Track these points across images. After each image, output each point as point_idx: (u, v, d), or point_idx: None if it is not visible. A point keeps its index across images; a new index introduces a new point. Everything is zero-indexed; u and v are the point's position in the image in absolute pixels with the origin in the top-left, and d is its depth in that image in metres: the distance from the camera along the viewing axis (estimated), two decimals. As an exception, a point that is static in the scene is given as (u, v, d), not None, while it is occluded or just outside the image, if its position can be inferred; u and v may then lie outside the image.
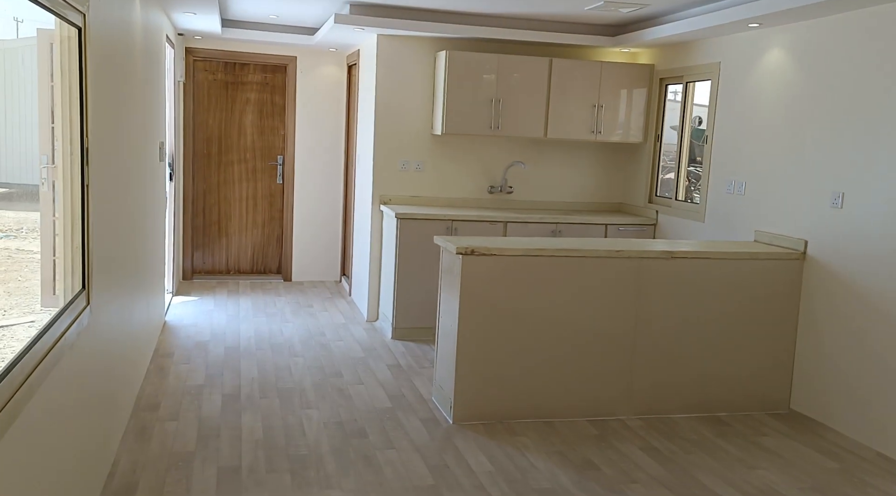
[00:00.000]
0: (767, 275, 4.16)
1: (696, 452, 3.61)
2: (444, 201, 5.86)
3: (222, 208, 7.09)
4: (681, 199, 5.46)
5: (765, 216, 4.49)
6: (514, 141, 5.93)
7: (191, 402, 3.92)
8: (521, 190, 6.01)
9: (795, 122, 4.25)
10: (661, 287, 4.04)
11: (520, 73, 5.53)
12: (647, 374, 4.07)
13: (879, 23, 3.71)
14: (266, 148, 7.12)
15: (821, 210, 4.06)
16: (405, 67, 5.66)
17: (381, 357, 4.92)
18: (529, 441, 3.65)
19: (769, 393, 4.24)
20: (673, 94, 5.66)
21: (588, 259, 3.93)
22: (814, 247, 4.11)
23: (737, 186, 4.74)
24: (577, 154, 6.07)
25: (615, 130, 5.74)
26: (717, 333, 4.15)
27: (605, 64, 5.65)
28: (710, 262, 4.09)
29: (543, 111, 5.60)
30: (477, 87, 5.48)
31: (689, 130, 5.45)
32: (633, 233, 5.64)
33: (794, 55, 4.27)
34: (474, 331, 3.82)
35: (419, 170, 5.80)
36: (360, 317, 6.00)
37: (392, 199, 5.77)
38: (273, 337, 5.29)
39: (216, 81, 6.93)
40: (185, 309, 5.95)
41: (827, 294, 4.03)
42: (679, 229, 5.35)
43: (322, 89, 7.09)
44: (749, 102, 4.64)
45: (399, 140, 5.74)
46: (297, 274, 7.27)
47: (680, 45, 5.37)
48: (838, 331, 3.95)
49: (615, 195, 6.17)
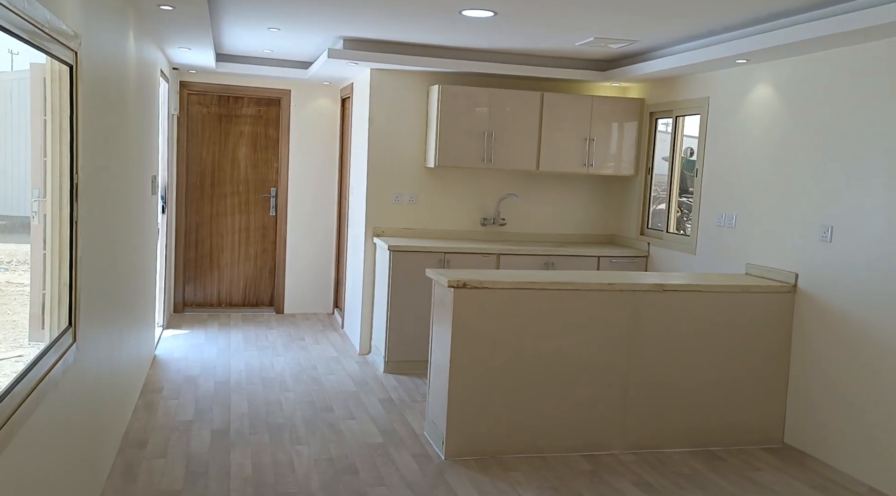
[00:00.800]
0: (759, 308, 4.16)
1: (689, 488, 3.57)
2: (438, 233, 5.87)
3: (215, 240, 7.09)
4: (672, 231, 5.48)
5: (755, 249, 4.51)
6: (507, 173, 5.97)
7: (179, 439, 3.87)
8: (513, 222, 6.03)
9: (783, 156, 4.30)
10: (654, 320, 4.04)
11: (512, 106, 5.59)
12: (641, 408, 4.04)
13: (863, 60, 3.78)
14: (259, 180, 7.14)
15: (810, 243, 4.08)
16: (398, 101, 5.72)
17: (373, 391, 4.88)
18: (522, 476, 3.60)
19: (763, 426, 4.21)
20: (664, 125, 5.72)
21: (580, 292, 3.93)
22: (804, 279, 4.13)
23: (727, 219, 4.76)
24: (569, 186, 6.10)
25: (607, 163, 5.78)
26: (710, 366, 4.13)
27: (595, 98, 5.72)
28: (701, 296, 4.09)
29: (535, 144, 5.65)
30: (469, 120, 5.53)
31: (680, 163, 5.50)
32: (625, 265, 5.65)
33: (780, 90, 4.33)
34: (466, 365, 3.80)
35: (412, 202, 5.82)
36: (353, 350, 5.96)
37: (385, 231, 5.78)
38: (264, 371, 5.24)
39: (210, 114, 6.98)
40: (176, 342, 5.91)
41: (818, 326, 4.03)
42: (671, 261, 5.37)
43: (316, 122, 7.14)
44: (738, 136, 4.69)
45: (392, 172, 5.76)
46: (290, 306, 7.24)
47: (669, 79, 5.44)
48: (830, 364, 3.94)
49: (607, 227, 6.19)
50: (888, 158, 3.62)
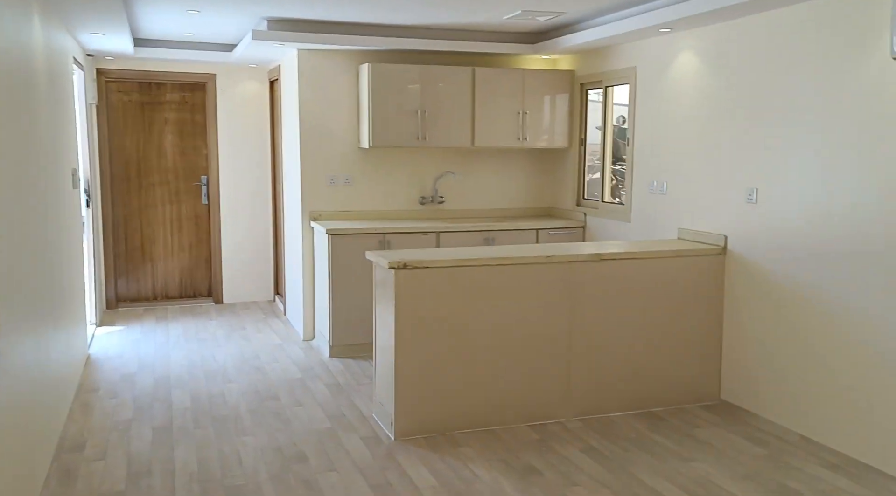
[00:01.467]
0: (692, 271, 4.29)
1: (634, 450, 3.67)
2: (376, 214, 5.82)
3: (145, 232, 6.85)
4: (607, 201, 5.58)
5: (687, 214, 4.63)
6: (443, 151, 5.94)
7: (119, 439, 3.75)
8: (452, 199, 6.02)
9: (710, 123, 4.40)
10: (592, 289, 4.11)
11: (444, 83, 5.55)
12: (584, 376, 4.13)
13: (783, 25, 3.89)
14: (189, 168, 6.92)
15: (738, 206, 4.21)
16: (328, 81, 5.61)
17: (318, 377, 4.84)
18: (472, 451, 3.64)
19: (700, 385, 4.36)
20: (597, 95, 5.78)
21: (519, 266, 3.96)
22: (733, 241, 4.26)
23: (658, 186, 4.87)
24: (505, 161, 6.13)
25: (541, 136, 5.82)
26: (648, 331, 4.24)
27: (527, 71, 5.73)
28: (636, 262, 4.18)
29: (469, 120, 5.63)
30: (402, 98, 5.47)
31: (613, 132, 5.58)
32: (563, 236, 5.73)
33: (704, 58, 4.43)
34: (411, 345, 3.79)
35: (348, 184, 5.74)
36: (296, 336, 5.88)
37: (322, 214, 5.69)
38: (206, 363, 5.12)
39: (131, 102, 6.70)
40: (111, 340, 5.71)
41: (748, 286, 4.17)
42: (607, 230, 5.47)
43: (244, 106, 6.95)
44: (666, 105, 4.78)
45: (326, 155, 5.67)
46: (229, 296, 7.09)
47: (598, 50, 5.49)
48: (760, 322, 4.10)
49: (544, 200, 6.26)
50: (812, 121, 3.75)
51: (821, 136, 3.68)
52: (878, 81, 3.38)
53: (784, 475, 3.39)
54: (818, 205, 3.70)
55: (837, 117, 3.59)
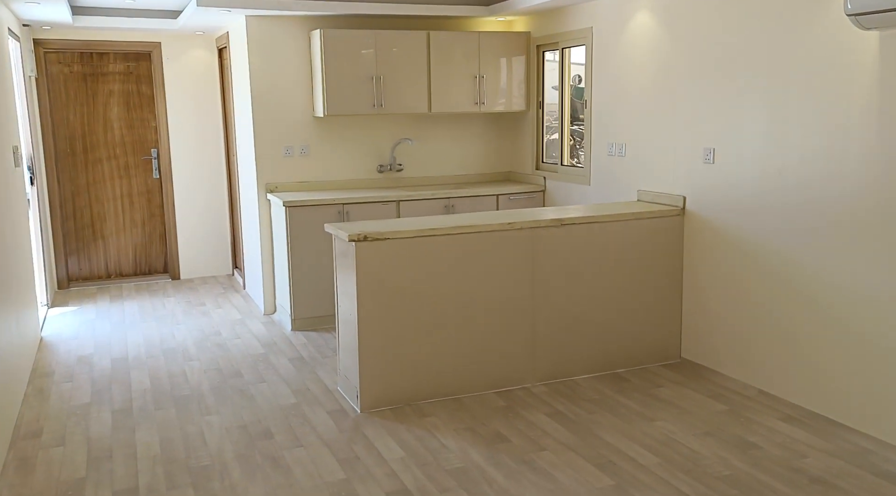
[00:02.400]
0: (651, 232, 4.32)
1: (599, 412, 3.73)
2: (334, 184, 5.72)
3: (95, 209, 6.63)
4: (567, 164, 5.57)
5: (645, 175, 4.64)
6: (400, 118, 5.84)
7: (77, 424, 3.66)
8: (410, 167, 5.95)
9: (666, 83, 4.40)
10: (554, 254, 4.11)
11: (398, 48, 5.43)
12: (549, 341, 4.16)
13: (735, -17, 3.87)
14: (137, 141, 6.69)
15: (695, 166, 4.23)
16: (279, 49, 5.43)
17: (282, 351, 4.78)
18: (439, 420, 3.65)
19: (662, 345, 4.44)
20: (552, 55, 5.73)
21: (481, 234, 3.94)
22: (691, 202, 4.30)
23: (617, 148, 4.87)
24: (463, 127, 6.06)
25: (498, 100, 5.76)
26: (610, 293, 4.28)
27: (482, 34, 5.64)
28: (597, 226, 4.19)
29: (426, 86, 5.54)
30: (356, 65, 5.33)
31: (570, 92, 5.55)
32: (523, 201, 5.72)
33: (659, 17, 4.40)
34: (375, 317, 3.76)
35: (304, 154, 5.62)
36: (257, 310, 5.80)
37: (279, 186, 5.57)
38: (165, 342, 5.02)
39: (73, 74, 6.42)
40: (64, 321, 5.55)
41: (706, 246, 4.23)
42: (567, 194, 5.47)
43: (193, 76, 6.71)
44: (622, 66, 4.75)
45: (280, 125, 5.52)
46: (186, 271, 6.94)
47: (553, 11, 5.42)
48: (718, 280, 4.16)
49: (503, 164, 6.22)
50: (765, 79, 3.76)
51: (775, 94, 3.70)
52: (832, 39, 3.40)
53: (744, 429, 3.48)
54: (771, 161, 3.74)
55: (791, 75, 3.61)
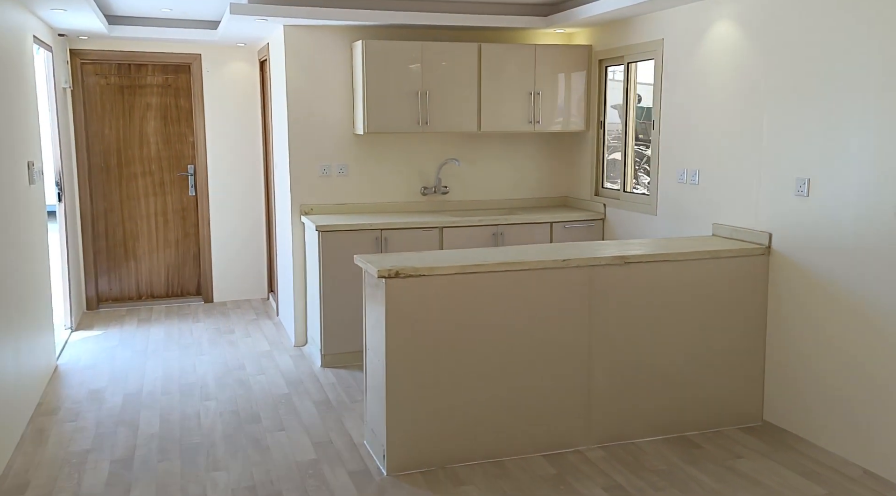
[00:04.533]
0: (730, 273, 3.72)
1: (667, 488, 3.14)
2: (374, 207, 5.29)
3: (128, 227, 6.36)
4: (629, 191, 5.00)
5: (722, 207, 4.05)
6: (446, 136, 5.38)
7: (69, 477, 3.26)
8: (456, 189, 5.47)
9: (751, 103, 3.81)
10: (616, 297, 3.56)
11: (447, 61, 4.98)
12: (607, 396, 3.60)
13: (840, -14, 3.28)
14: (174, 157, 6.41)
15: (785, 199, 3.63)
16: (318, 61, 5.05)
17: (307, 392, 4.33)
18: (476, 490, 3.12)
19: (740, 404, 3.82)
20: (611, 73, 5.19)
21: (531, 272, 3.42)
22: (779, 240, 3.69)
23: (689, 175, 4.29)
24: (515, 147, 5.56)
25: (555, 119, 5.25)
26: (680, 342, 3.70)
27: (539, 47, 5.14)
28: (667, 265, 3.62)
29: (475, 102, 5.07)
30: (400, 79, 4.91)
31: (634, 113, 4.99)
32: (580, 230, 5.17)
33: (744, 26, 3.83)
34: (405, 364, 3.27)
35: (343, 174, 5.21)
36: (288, 341, 5.38)
37: (314, 208, 5.17)
38: (184, 375, 4.64)
39: (109, 86, 6.18)
40: (85, 347, 5.24)
41: (796, 292, 3.61)
42: (630, 224, 4.90)
43: (233, 89, 6.41)
44: (698, 82, 4.19)
45: (317, 142, 5.13)
46: (219, 294, 6.60)
47: (618, 22, 4.89)
48: (811, 333, 3.53)
49: (559, 189, 5.69)
50: (875, 98, 3.16)
51: (887, 115, 3.09)
52: (966, 51, 2.79)
53: (847, 524, 2.85)
54: (880, 195, 3.12)
55: (912, 95, 3.00)
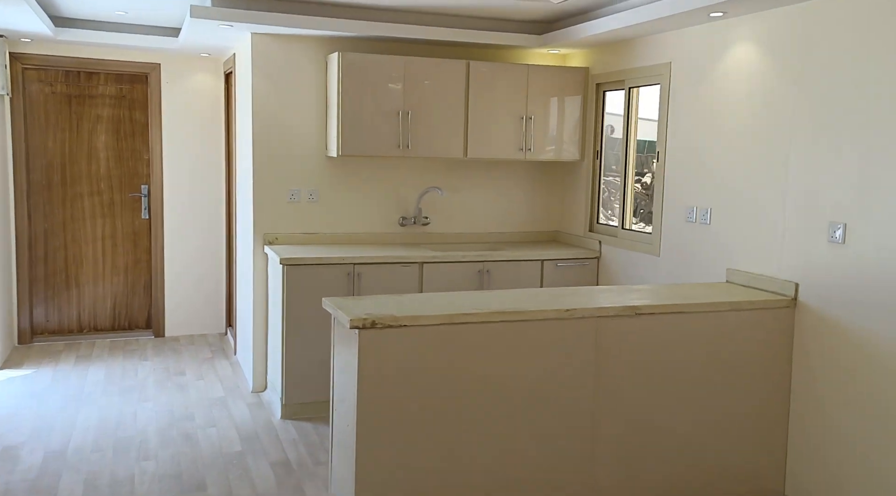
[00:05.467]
0: (751, 328, 3.28)
1: None
2: (346, 238, 4.77)
3: (71, 251, 5.74)
4: (629, 228, 4.56)
5: (739, 252, 3.62)
6: (429, 162, 4.91)
7: (-41, 568, 2.67)
8: (438, 221, 4.99)
9: (775, 136, 3.41)
10: (625, 352, 3.09)
11: (431, 79, 4.52)
12: (612, 464, 3.10)
13: (885, 6, 2.89)
14: (126, 175, 5.83)
15: (815, 245, 3.20)
16: (289, 74, 4.56)
17: (264, 450, 3.76)
18: None
19: (760, 475, 3.35)
20: (610, 98, 4.79)
21: (531, 324, 2.93)
22: (807, 291, 3.26)
23: (700, 214, 3.86)
24: (503, 176, 5.10)
25: (547, 147, 4.81)
26: (694, 405, 3.23)
27: (532, 68, 4.71)
28: (682, 317, 3.17)
29: (462, 126, 4.61)
30: (380, 96, 4.43)
31: (635, 145, 4.57)
32: (573, 269, 4.71)
33: (768, 51, 3.43)
34: (381, 426, 2.75)
35: (312, 200, 4.69)
36: (245, 385, 4.80)
37: (279, 237, 4.63)
38: (121, 427, 4.03)
39: (55, 95, 5.60)
40: (8, 390, 4.59)
41: (826, 350, 3.17)
42: (628, 264, 4.45)
43: (195, 103, 5.87)
44: (711, 111, 3.78)
45: (286, 164, 4.61)
46: (172, 327, 5.99)
47: (619, 43, 4.49)
48: (842, 397, 3.09)
49: (549, 223, 5.23)
50: (925, 135, 2.76)
51: (947, 156, 2.69)
52: None
53: None
54: (940, 250, 2.71)
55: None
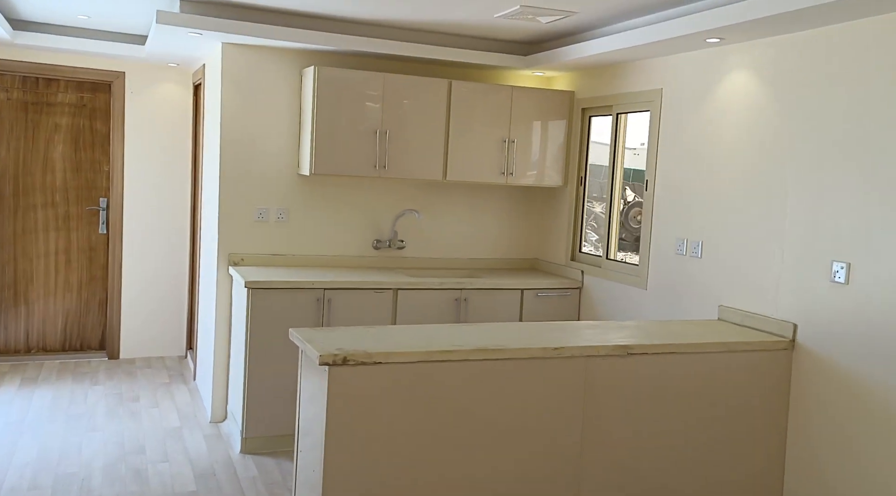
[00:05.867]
0: (747, 371, 3.10)
1: None
2: (317, 261, 4.52)
3: (21, 266, 5.39)
4: (613, 259, 4.38)
5: (731, 288, 3.46)
6: (407, 184, 4.69)
7: None
8: (414, 245, 4.76)
9: (772, 169, 3.26)
10: (615, 395, 2.88)
11: (411, 98, 4.32)
12: (597, 519, 2.88)
13: (889, 34, 2.77)
14: (84, 188, 5.51)
15: (815, 284, 3.05)
16: (262, 87, 4.32)
17: (220, 489, 3.47)
18: None
19: (751, 528, 3.16)
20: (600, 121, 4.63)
21: (516, 362, 2.71)
22: (806, 333, 3.09)
23: (690, 247, 3.70)
24: (483, 200, 4.90)
25: (529, 171, 4.63)
26: (686, 451, 3.03)
27: (516, 89, 4.54)
28: (677, 359, 2.98)
29: (442, 147, 4.41)
30: (356, 114, 4.22)
31: (622, 173, 4.42)
32: (554, 300, 4.51)
33: (767, 80, 3.30)
34: (350, 468, 2.49)
35: (282, 220, 4.44)
36: (203, 415, 4.50)
37: (245, 258, 4.37)
38: (63, 461, 3.70)
39: (10, 101, 5.28)
40: (-55, 416, 4.24)
41: (825, 398, 3.00)
42: (612, 297, 4.26)
43: (160, 114, 5.59)
44: (704, 141, 3.63)
45: (255, 181, 4.36)
46: (128, 349, 5.64)
47: (607, 68, 4.35)
48: (841, 448, 2.92)
49: (529, 250, 5.04)
50: (934, 173, 2.62)
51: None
52: None
53: None
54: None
55: None
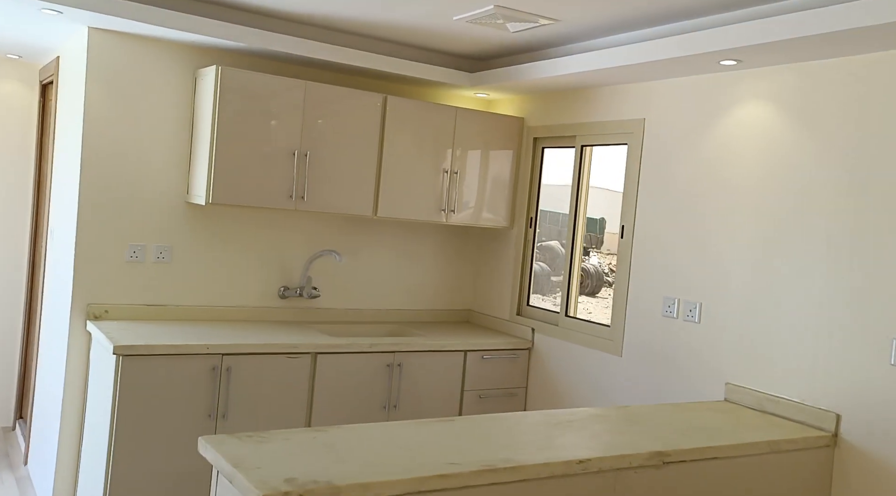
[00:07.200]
0: (787, 475, 2.49)
1: None
2: (207, 312, 3.51)
3: None
4: (574, 316, 3.72)
5: (744, 363, 2.87)
6: (327, 219, 3.81)
7: None
8: (330, 293, 3.87)
9: (806, 223, 2.72)
10: (643, 517, 2.17)
11: (338, 114, 3.47)
12: None
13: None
14: None
15: (865, 366, 2.50)
16: (141, 88, 3.31)
17: None
18: None
19: None
20: (555, 153, 4.00)
21: (531, 484, 1.93)
22: (853, 426, 2.53)
23: (683, 309, 3.10)
24: (415, 241, 4.10)
25: (469, 209, 3.90)
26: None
27: (460, 111, 3.82)
28: (719, 465, 2.31)
29: (373, 175, 3.59)
30: (270, 130, 3.31)
31: (585, 216, 3.79)
32: (502, 362, 3.77)
33: (794, 115, 2.78)
34: None
35: (163, 261, 3.41)
36: (40, 524, 3.32)
37: (110, 310, 3.30)
38: None
39: None
40: None
41: (871, 500, 2.46)
42: (573, 360, 3.59)
43: (-5, 117, 4.35)
44: (703, 181, 3.06)
45: (127, 210, 3.32)
46: (-67, 423, 4.27)
47: (573, 91, 3.72)
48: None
49: (464, 301, 4.28)
50: None
51: None
52: None
53: None
54: None
55: None
